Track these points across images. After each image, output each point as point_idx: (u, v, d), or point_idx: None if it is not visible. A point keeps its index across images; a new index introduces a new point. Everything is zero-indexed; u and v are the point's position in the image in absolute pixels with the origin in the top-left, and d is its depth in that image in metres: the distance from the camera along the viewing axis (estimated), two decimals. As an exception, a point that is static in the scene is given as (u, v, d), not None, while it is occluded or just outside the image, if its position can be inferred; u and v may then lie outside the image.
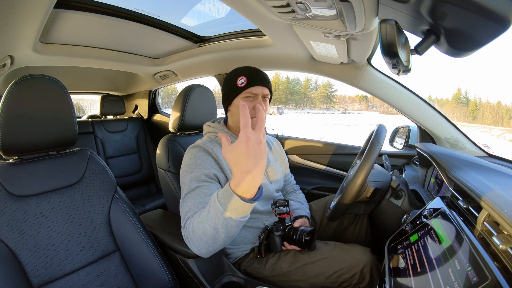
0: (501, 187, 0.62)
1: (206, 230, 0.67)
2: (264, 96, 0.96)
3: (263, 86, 0.95)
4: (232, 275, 0.95)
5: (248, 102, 0.94)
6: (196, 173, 0.84)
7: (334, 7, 0.74)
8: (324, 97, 69.94)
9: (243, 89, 0.94)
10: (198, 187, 0.82)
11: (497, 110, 62.17)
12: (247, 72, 0.96)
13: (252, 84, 0.93)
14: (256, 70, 0.97)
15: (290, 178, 1.25)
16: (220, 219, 0.64)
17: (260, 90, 0.94)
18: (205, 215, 0.67)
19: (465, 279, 0.43)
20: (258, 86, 0.94)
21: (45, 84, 0.81)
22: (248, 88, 0.93)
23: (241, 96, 0.95)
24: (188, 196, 0.81)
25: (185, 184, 0.84)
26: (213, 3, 1.36)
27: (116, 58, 1.71)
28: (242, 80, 0.94)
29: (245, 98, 0.95)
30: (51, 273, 0.74)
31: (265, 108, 0.96)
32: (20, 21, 0.98)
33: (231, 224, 0.64)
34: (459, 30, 0.57)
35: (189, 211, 0.77)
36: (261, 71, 0.98)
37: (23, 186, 0.77)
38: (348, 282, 0.86)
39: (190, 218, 0.75)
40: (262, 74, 0.96)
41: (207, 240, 0.68)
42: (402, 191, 0.96)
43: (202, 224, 0.68)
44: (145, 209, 1.93)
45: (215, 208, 0.64)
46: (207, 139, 0.98)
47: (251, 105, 0.93)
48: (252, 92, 0.94)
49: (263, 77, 0.95)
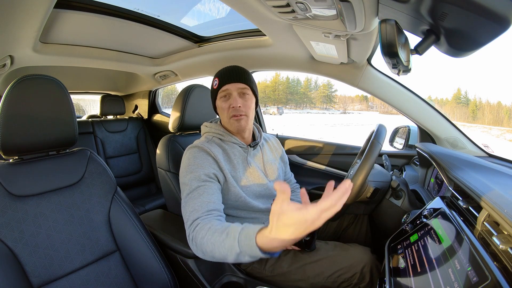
0: (501, 187, 0.62)
1: (215, 253, 0.67)
2: (240, 91, 0.95)
3: (235, 82, 0.94)
4: (232, 275, 0.95)
5: (225, 102, 0.95)
6: (196, 173, 0.84)
7: (334, 7, 0.74)
8: (324, 97, 69.93)
9: (217, 90, 0.96)
10: (200, 186, 0.82)
11: (497, 110, 62.16)
12: (220, 73, 0.97)
13: (224, 83, 0.94)
14: (229, 68, 0.97)
15: (290, 177, 1.24)
16: (233, 255, 0.63)
17: (233, 87, 0.94)
18: (218, 239, 0.66)
19: (465, 279, 0.43)
20: (229, 84, 0.94)
21: (45, 84, 0.81)
22: (221, 87, 0.94)
23: (218, 98, 0.96)
24: (190, 196, 0.81)
25: (185, 185, 0.84)
26: (213, 3, 1.36)
27: (116, 58, 1.71)
28: (215, 82, 0.97)
29: (223, 98, 0.95)
30: (51, 273, 0.74)
31: (244, 103, 0.95)
32: (20, 21, 0.98)
33: (241, 259, 0.63)
34: (459, 30, 0.57)
35: (194, 211, 0.77)
36: (236, 68, 0.97)
37: (23, 186, 0.77)
38: (348, 282, 0.86)
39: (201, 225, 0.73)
40: (235, 71, 0.96)
41: (213, 257, 0.69)
42: (402, 191, 0.96)
43: (213, 246, 0.67)
44: (145, 209, 1.93)
45: (231, 245, 0.62)
46: (205, 139, 0.98)
47: (227, 104, 0.94)
48: (224, 90, 0.94)
49: (234, 74, 0.95)
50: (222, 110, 0.96)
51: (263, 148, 1.09)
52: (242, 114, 0.94)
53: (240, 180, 0.95)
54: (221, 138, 0.99)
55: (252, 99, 0.98)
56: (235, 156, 0.97)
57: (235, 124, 0.95)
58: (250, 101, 0.97)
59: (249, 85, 0.97)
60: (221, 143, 0.97)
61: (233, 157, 0.96)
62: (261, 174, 1.01)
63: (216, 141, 0.97)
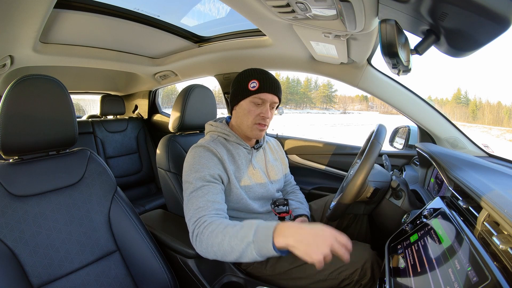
0: (501, 187, 0.62)
1: (223, 244, 0.67)
2: (272, 103, 0.95)
3: (274, 94, 0.93)
4: (232, 275, 0.95)
5: (255, 107, 0.93)
6: (202, 173, 0.84)
7: (334, 7, 0.74)
8: (324, 97, 69.91)
9: (253, 93, 0.91)
10: (204, 186, 0.82)
11: (497, 110, 62.12)
12: (260, 76, 0.93)
13: (264, 90, 0.91)
14: (270, 76, 0.94)
15: (290, 178, 1.25)
16: (243, 244, 0.65)
17: (270, 98, 0.92)
18: (231, 231, 0.68)
19: (465, 279, 0.43)
20: (269, 94, 0.92)
21: (45, 84, 0.81)
22: (259, 93, 0.91)
23: (249, 99, 0.93)
24: (194, 195, 0.81)
25: (189, 183, 0.84)
26: (213, 3, 1.36)
27: (116, 58, 1.71)
28: (254, 84, 0.91)
29: (254, 103, 0.93)
30: (51, 273, 0.74)
31: (271, 116, 0.96)
32: (20, 21, 0.98)
33: (247, 254, 0.65)
34: (459, 30, 0.57)
35: (199, 209, 0.77)
36: (275, 78, 0.95)
37: (23, 186, 0.77)
38: (350, 279, 0.86)
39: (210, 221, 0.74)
40: (275, 81, 0.94)
41: (216, 251, 0.69)
42: (402, 191, 0.96)
43: (223, 236, 0.68)
44: (145, 209, 1.93)
45: (245, 234, 0.65)
46: (210, 138, 0.97)
47: (258, 111, 0.92)
48: (261, 98, 0.92)
49: (276, 85, 0.93)
50: (247, 113, 0.93)
51: (265, 149, 1.09)
52: (267, 125, 0.95)
53: (243, 181, 0.95)
54: (226, 139, 0.98)
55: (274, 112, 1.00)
56: (240, 157, 0.97)
57: (256, 131, 0.95)
58: (273, 115, 0.99)
59: (280, 100, 0.98)
60: (225, 143, 0.97)
61: (237, 158, 0.96)
62: (263, 176, 1.01)
63: (221, 141, 0.97)
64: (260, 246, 0.63)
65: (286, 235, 0.62)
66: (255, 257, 0.65)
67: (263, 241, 0.63)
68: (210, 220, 0.74)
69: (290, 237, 0.61)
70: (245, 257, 0.66)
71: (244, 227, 0.68)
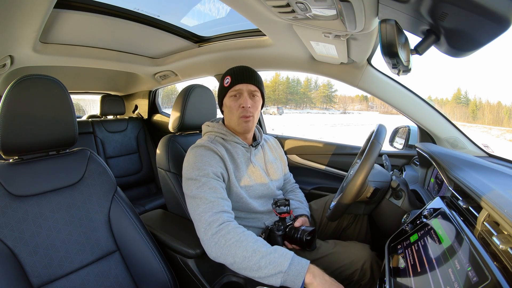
0: (501, 187, 0.62)
1: (250, 260, 0.69)
2: (251, 93, 0.96)
3: (247, 83, 0.95)
4: (232, 275, 0.95)
5: (234, 101, 0.95)
6: (205, 171, 0.84)
7: (334, 7, 0.74)
8: (324, 97, 69.90)
9: (228, 88, 0.96)
10: (210, 181, 0.83)
11: (497, 110, 62.13)
12: (232, 71, 0.97)
13: (236, 82, 0.94)
14: (242, 68, 0.97)
15: (289, 177, 1.25)
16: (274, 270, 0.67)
17: (245, 87, 0.94)
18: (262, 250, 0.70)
19: (465, 279, 0.43)
20: (242, 84, 0.94)
21: (45, 84, 0.81)
22: (232, 86, 0.95)
23: (227, 96, 0.97)
24: (201, 191, 0.81)
25: (193, 180, 0.84)
26: (213, 3, 1.36)
27: (116, 58, 1.71)
28: (227, 80, 0.97)
29: (232, 97, 0.96)
30: (51, 273, 0.74)
31: (254, 105, 0.96)
32: (20, 21, 0.98)
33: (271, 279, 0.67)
34: (459, 30, 0.57)
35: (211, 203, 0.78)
36: (249, 69, 0.98)
37: (23, 186, 0.77)
38: (349, 280, 0.87)
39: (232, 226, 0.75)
40: (248, 72, 0.96)
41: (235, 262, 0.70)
42: (402, 191, 0.96)
43: (252, 252, 0.70)
44: (145, 209, 1.93)
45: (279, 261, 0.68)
46: (207, 139, 0.98)
47: (237, 104, 0.94)
48: (235, 90, 0.94)
49: (248, 75, 0.96)
50: (230, 109, 0.96)
51: (264, 148, 1.09)
52: (251, 115, 0.95)
53: (243, 180, 0.95)
54: (224, 138, 0.99)
55: (260, 101, 1.00)
56: (238, 155, 0.97)
57: (243, 124, 0.96)
58: (258, 103, 0.99)
59: (259, 87, 0.98)
60: (224, 143, 0.97)
61: (236, 157, 0.96)
62: (263, 174, 1.01)
63: (219, 141, 0.97)
64: (289, 279, 0.66)
65: (316, 275, 0.67)
66: (277, 283, 0.67)
67: (295, 276, 0.66)
68: (233, 225, 0.75)
69: (318, 277, 0.67)
70: (266, 280, 0.67)
71: (277, 253, 0.69)
